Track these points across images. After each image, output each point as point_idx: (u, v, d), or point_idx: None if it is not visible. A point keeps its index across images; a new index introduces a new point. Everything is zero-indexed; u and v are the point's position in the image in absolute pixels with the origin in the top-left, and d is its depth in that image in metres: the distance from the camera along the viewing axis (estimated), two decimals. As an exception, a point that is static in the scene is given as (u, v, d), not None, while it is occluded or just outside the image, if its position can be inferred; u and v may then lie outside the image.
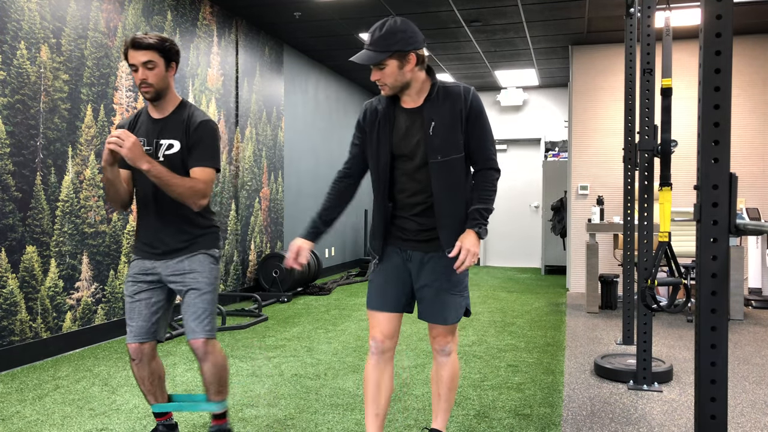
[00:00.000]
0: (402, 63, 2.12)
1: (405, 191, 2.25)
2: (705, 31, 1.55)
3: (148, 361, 2.46)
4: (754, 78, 6.84)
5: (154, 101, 2.40)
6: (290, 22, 6.50)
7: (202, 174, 2.36)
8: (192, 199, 2.32)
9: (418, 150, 2.20)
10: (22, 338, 3.88)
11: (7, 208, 3.77)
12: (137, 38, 2.29)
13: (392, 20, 2.13)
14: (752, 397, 3.28)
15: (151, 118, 2.45)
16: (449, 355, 2.34)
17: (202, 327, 2.38)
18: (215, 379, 2.45)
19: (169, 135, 2.40)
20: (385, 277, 2.30)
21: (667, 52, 3.11)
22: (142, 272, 2.44)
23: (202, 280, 2.41)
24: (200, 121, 2.39)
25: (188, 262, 2.41)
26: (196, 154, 2.37)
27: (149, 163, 2.23)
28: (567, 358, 4.08)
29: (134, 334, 2.41)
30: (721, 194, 1.55)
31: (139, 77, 2.32)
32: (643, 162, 3.49)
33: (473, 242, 2.14)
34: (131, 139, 2.19)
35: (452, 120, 2.18)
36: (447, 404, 2.38)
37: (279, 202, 7.23)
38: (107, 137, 2.13)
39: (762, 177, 6.82)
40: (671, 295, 3.18)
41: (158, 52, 2.32)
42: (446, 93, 2.20)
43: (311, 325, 5.19)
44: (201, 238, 2.45)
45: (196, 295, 2.39)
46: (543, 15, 6.18)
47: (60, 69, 4.14)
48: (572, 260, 7.25)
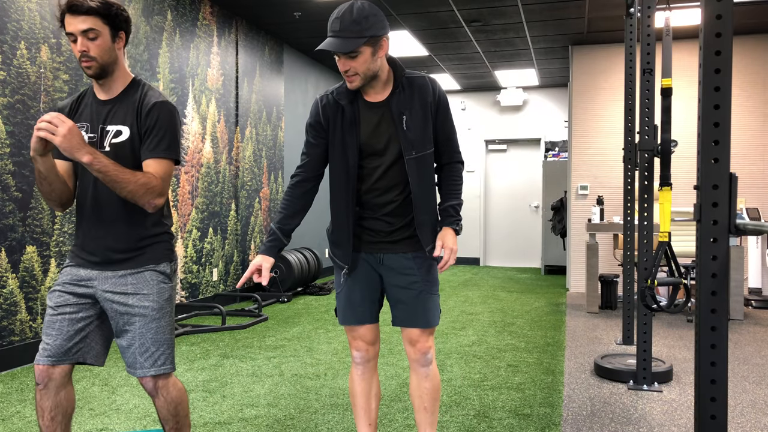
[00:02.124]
0: (375, 50, 1.95)
1: (374, 191, 2.10)
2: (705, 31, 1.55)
3: (56, 390, 1.95)
4: (754, 78, 6.84)
5: (99, 79, 1.96)
6: (290, 22, 6.50)
7: (158, 167, 1.94)
8: (145, 198, 1.90)
9: (390, 146, 2.06)
10: (22, 338, 3.88)
11: (7, 208, 3.77)
12: (75, 1, 1.85)
13: (360, 3, 1.93)
14: (752, 397, 3.27)
15: (96, 99, 2.02)
16: (430, 363, 2.18)
17: (150, 362, 1.95)
18: (170, 416, 2.05)
19: (117, 120, 1.98)
20: (355, 289, 2.16)
21: (667, 52, 3.11)
22: (74, 282, 1.98)
23: (149, 304, 1.96)
24: (154, 102, 1.96)
25: (132, 279, 1.97)
26: (149, 143, 1.95)
27: (91, 155, 1.81)
28: (567, 358, 4.08)
29: (47, 353, 1.93)
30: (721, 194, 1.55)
31: (79, 49, 1.88)
32: (643, 162, 3.49)
33: (453, 240, 2.05)
34: (67, 125, 1.77)
35: (423, 113, 2.06)
36: (433, 417, 2.21)
37: (279, 202, 7.22)
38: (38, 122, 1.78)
39: (762, 177, 6.82)
40: (671, 295, 3.18)
41: (102, 18, 1.89)
42: (412, 84, 2.06)
43: (311, 325, 5.19)
44: (150, 248, 2.01)
45: (143, 323, 1.95)
46: (543, 15, 6.18)
47: (60, 69, 4.14)
48: (572, 260, 7.25)
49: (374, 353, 2.23)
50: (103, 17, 1.89)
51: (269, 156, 6.97)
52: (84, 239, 2.01)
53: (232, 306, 6.05)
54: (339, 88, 2.08)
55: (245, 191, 6.45)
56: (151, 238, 2.02)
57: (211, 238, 5.89)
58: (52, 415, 1.95)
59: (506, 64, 8.37)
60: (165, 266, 2.03)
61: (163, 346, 1.99)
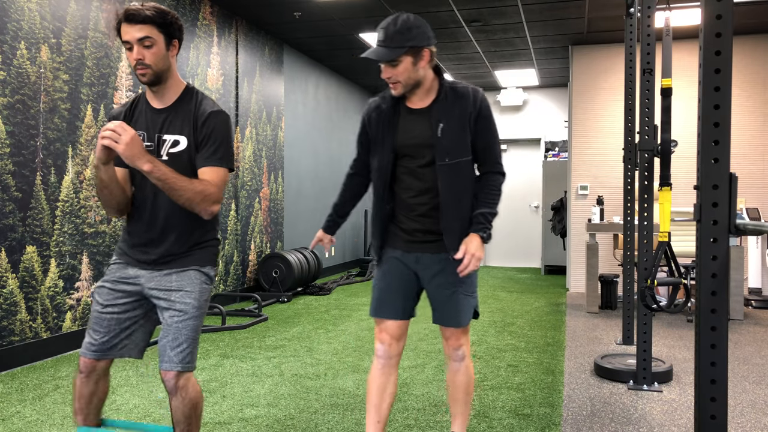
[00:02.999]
0: (416, 60, 2.08)
1: (408, 191, 2.21)
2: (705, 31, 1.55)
3: (96, 380, 2.08)
4: (754, 78, 6.84)
5: (153, 86, 2.02)
6: (290, 22, 6.50)
7: (213, 175, 1.99)
8: (202, 206, 1.96)
9: (425, 151, 2.16)
10: (22, 338, 3.88)
11: (7, 208, 3.77)
12: (131, 10, 1.91)
13: (405, 15, 2.08)
14: (752, 397, 3.27)
15: (151, 107, 2.06)
16: (463, 359, 2.31)
17: (180, 357, 1.99)
18: (184, 418, 2.04)
19: (174, 129, 2.03)
20: (389, 283, 2.25)
21: (667, 52, 3.11)
22: (122, 280, 2.06)
23: (190, 301, 2.02)
24: (210, 112, 2.02)
25: (177, 276, 2.03)
26: (205, 152, 2.00)
27: (151, 163, 1.86)
28: (567, 358, 4.08)
29: (93, 348, 2.03)
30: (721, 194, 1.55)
31: (134, 57, 1.94)
32: (643, 162, 3.49)
33: (477, 246, 2.12)
34: (129, 134, 1.83)
35: (461, 122, 2.15)
36: (465, 407, 2.37)
37: (279, 202, 7.23)
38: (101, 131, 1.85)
39: (762, 177, 6.82)
40: (671, 295, 3.18)
41: (157, 27, 1.95)
42: (455, 94, 2.16)
43: (311, 325, 5.19)
44: (198, 251, 2.08)
45: (181, 318, 2.00)
46: (543, 15, 6.18)
47: (60, 69, 4.14)
48: (572, 260, 7.25)
49: (397, 350, 2.28)
50: (158, 26, 1.95)
51: (269, 156, 6.97)
52: (136, 240, 2.07)
53: (232, 306, 6.05)
54: (386, 92, 2.23)
55: (245, 191, 6.45)
56: (202, 244, 2.09)
57: (211, 238, 5.89)
58: (87, 400, 2.07)
59: (506, 64, 8.37)
60: (209, 269, 2.10)
61: (193, 344, 2.03)
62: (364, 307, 6.10)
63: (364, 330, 4.97)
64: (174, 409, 2.03)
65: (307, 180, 8.04)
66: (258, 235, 6.74)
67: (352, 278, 8.13)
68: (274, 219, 7.11)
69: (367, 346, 4.40)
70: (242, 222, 6.41)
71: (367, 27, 6.66)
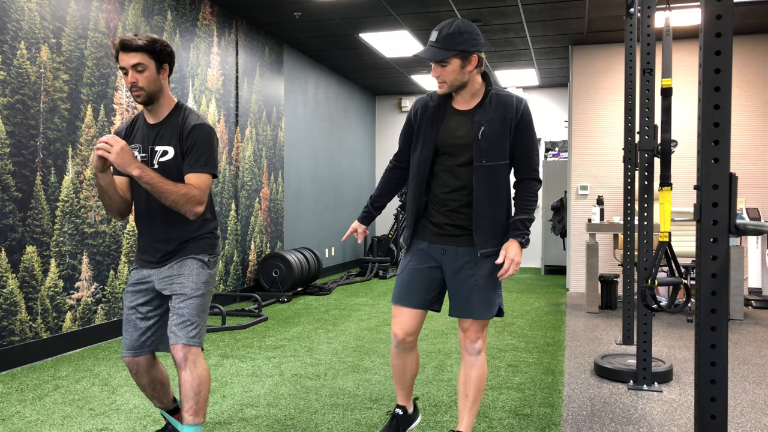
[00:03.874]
0: (464, 63, 2.21)
1: (443, 187, 2.33)
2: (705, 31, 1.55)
3: (146, 371, 2.35)
4: (754, 78, 6.84)
5: (147, 105, 2.30)
6: (290, 22, 6.50)
7: (197, 180, 2.24)
8: (186, 207, 2.20)
9: (464, 151, 2.28)
10: (22, 338, 3.88)
11: (7, 208, 3.77)
12: (126, 40, 2.20)
13: (459, 20, 2.22)
14: (752, 397, 3.27)
15: (147, 123, 2.35)
16: (479, 354, 2.37)
17: (184, 332, 2.21)
18: (192, 393, 2.21)
19: (163, 141, 2.30)
20: (413, 274, 2.37)
21: (667, 52, 3.11)
22: (139, 281, 2.34)
23: (188, 284, 2.26)
24: (194, 125, 2.28)
25: (176, 266, 2.29)
26: (190, 160, 2.26)
27: (140, 169, 2.13)
28: (567, 358, 4.08)
29: (127, 347, 2.32)
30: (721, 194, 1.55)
31: (129, 80, 2.22)
32: (643, 162, 3.49)
33: (517, 252, 2.25)
34: (119, 144, 2.10)
35: (502, 127, 2.26)
36: (474, 406, 2.39)
37: (279, 202, 7.23)
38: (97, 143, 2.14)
39: (762, 177, 6.82)
40: (671, 295, 3.18)
41: (148, 54, 2.22)
42: (499, 100, 2.28)
43: (311, 325, 5.19)
44: (192, 242, 2.33)
45: (181, 300, 2.24)
46: (543, 15, 6.18)
47: (60, 69, 4.14)
48: (572, 260, 7.25)
49: (412, 338, 2.41)
50: (149, 53, 2.22)
51: (269, 156, 6.97)
52: (142, 244, 2.36)
53: (232, 306, 6.05)
54: (434, 92, 2.37)
55: (245, 191, 6.45)
56: (196, 237, 2.34)
57: (211, 238, 5.89)
58: (152, 387, 2.37)
59: (506, 64, 8.37)
60: (204, 256, 2.34)
61: (196, 322, 2.25)
62: (364, 307, 6.10)
63: (364, 330, 4.97)
64: (183, 383, 2.21)
65: (307, 180, 8.04)
66: (258, 235, 6.74)
67: (352, 278, 8.13)
68: (274, 219, 7.11)
69: (367, 346, 4.40)
70: (242, 222, 6.41)
71: (367, 27, 6.66)
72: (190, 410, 2.22)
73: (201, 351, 2.25)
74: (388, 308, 6.02)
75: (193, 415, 2.22)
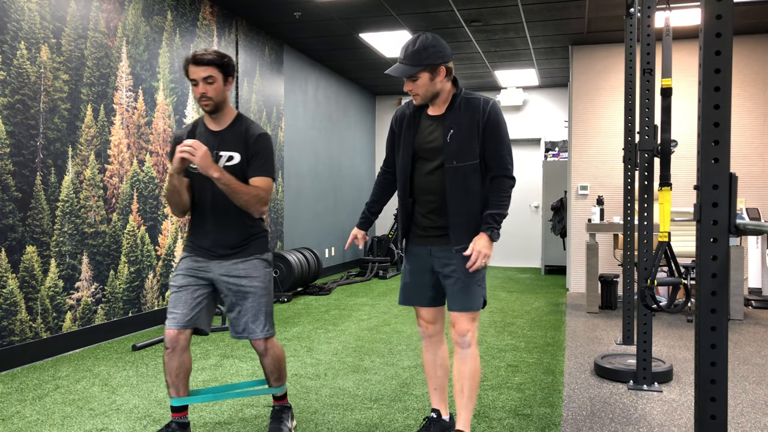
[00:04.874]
0: (433, 75, 2.34)
1: (422, 190, 2.45)
2: (705, 31, 1.55)
3: (181, 352, 2.52)
4: (754, 78, 6.84)
5: (213, 113, 2.52)
6: (290, 22, 6.50)
7: (263, 183, 2.49)
8: (255, 206, 2.46)
9: (437, 154, 2.40)
10: (22, 338, 3.88)
11: (7, 208, 3.77)
12: (198, 54, 2.42)
13: (423, 36, 2.33)
14: (752, 397, 3.28)
15: (209, 130, 2.56)
16: (469, 346, 2.43)
17: (261, 328, 2.56)
18: (275, 369, 2.66)
19: (228, 147, 2.52)
20: (411, 275, 2.54)
21: (667, 52, 3.11)
22: (194, 269, 2.55)
23: (258, 284, 2.55)
24: (259, 134, 2.52)
25: (243, 265, 2.54)
26: (256, 165, 2.50)
27: (219, 172, 2.36)
28: (567, 358, 4.08)
29: (176, 321, 2.49)
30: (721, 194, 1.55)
31: (200, 91, 2.43)
32: (643, 162, 3.49)
33: (484, 244, 2.34)
34: (203, 149, 2.33)
35: (470, 129, 2.37)
36: (470, 402, 2.44)
37: (279, 202, 7.23)
38: (178, 147, 2.34)
39: (762, 177, 6.82)
40: (671, 295, 3.18)
41: (217, 68, 2.44)
42: (467, 103, 2.40)
43: (311, 325, 5.19)
44: (255, 240, 2.59)
45: (254, 299, 2.54)
46: (543, 15, 6.18)
47: (60, 69, 4.14)
48: (572, 260, 7.25)
49: (435, 331, 2.58)
50: (218, 66, 2.44)
51: (269, 156, 6.96)
52: (200, 237, 2.56)
53: (232, 306, 6.04)
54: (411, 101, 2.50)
55: (245, 191, 6.44)
56: (255, 236, 2.59)
57: (211, 238, 5.89)
58: (176, 372, 2.53)
59: (506, 64, 8.37)
60: (267, 255, 2.62)
61: (269, 316, 2.59)
62: (364, 307, 6.10)
63: (364, 330, 4.97)
64: (266, 365, 2.64)
65: (307, 180, 8.03)
66: (258, 235, 6.73)
67: (352, 278, 8.13)
68: (274, 219, 7.11)
69: (367, 346, 4.40)
70: (242, 222, 6.40)
71: (367, 27, 6.66)
72: (276, 380, 2.68)
73: (274, 337, 2.63)
74: (388, 308, 6.02)
75: (277, 381, 2.69)
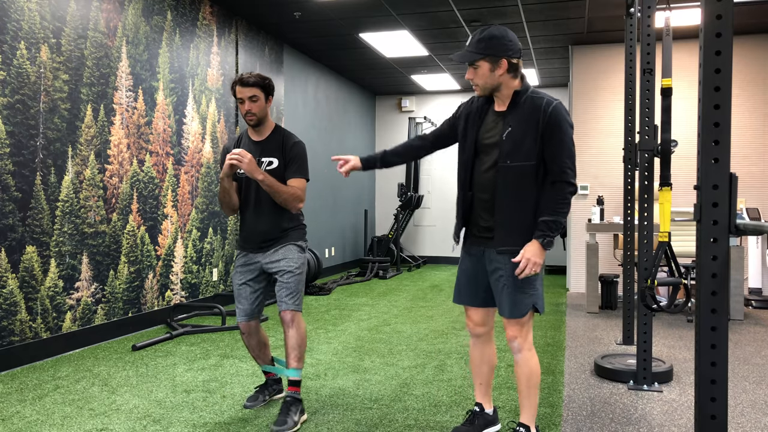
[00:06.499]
0: (493, 66, 2.31)
1: (479, 187, 2.42)
2: (705, 31, 1.55)
3: (254, 333, 3.04)
4: (754, 78, 6.84)
5: (256, 127, 2.97)
6: (290, 22, 6.50)
7: (299, 183, 2.92)
8: (293, 203, 2.90)
9: (493, 151, 2.37)
10: (22, 338, 3.88)
11: (7, 208, 3.77)
12: (244, 77, 2.88)
13: (494, 27, 2.32)
14: (752, 397, 3.27)
15: (251, 140, 3.01)
16: (519, 352, 2.43)
17: (291, 301, 2.91)
18: (296, 345, 2.90)
19: (268, 154, 2.96)
20: (463, 275, 2.55)
21: (667, 52, 3.11)
22: (247, 264, 3.00)
23: (292, 264, 2.94)
24: (294, 142, 2.96)
25: (282, 250, 2.95)
26: (292, 168, 2.93)
27: (263, 175, 2.79)
28: (567, 358, 4.08)
29: (243, 314, 3.00)
30: (721, 194, 1.55)
31: (245, 108, 2.90)
32: (643, 162, 3.49)
33: (535, 252, 2.28)
34: (249, 156, 2.76)
35: (528, 129, 2.30)
36: (529, 401, 2.46)
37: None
38: (228, 155, 2.76)
39: (762, 177, 6.82)
40: (671, 295, 3.18)
41: (260, 88, 2.90)
42: (531, 102, 2.33)
43: (311, 325, 5.19)
44: (291, 231, 2.99)
45: (289, 276, 2.92)
46: (543, 15, 6.18)
47: (60, 69, 4.14)
48: (572, 260, 7.25)
49: (482, 332, 2.61)
50: (261, 87, 2.91)
51: (269, 156, 6.96)
52: (248, 233, 2.99)
53: (232, 306, 6.04)
54: None
55: (245, 191, 6.44)
56: (291, 228, 3.00)
57: (211, 238, 5.89)
58: (257, 348, 3.09)
59: (506, 64, 8.35)
60: (301, 243, 3.02)
61: (299, 293, 2.95)
62: (364, 307, 6.10)
63: (364, 330, 4.97)
64: (289, 338, 2.90)
65: (307, 180, 8.02)
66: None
67: (352, 278, 8.13)
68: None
69: (367, 346, 4.40)
70: (242, 222, 6.41)
71: (367, 27, 6.66)
72: (294, 359, 2.90)
73: (301, 314, 2.95)
74: (388, 308, 6.02)
75: (296, 361, 2.90)
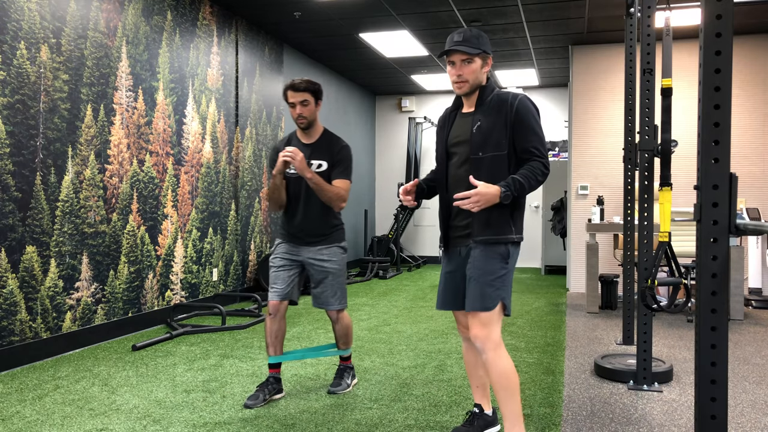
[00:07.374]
0: (483, 63, 2.41)
1: (454, 184, 2.45)
2: (705, 31, 1.55)
3: (280, 318, 3.21)
4: (754, 78, 6.84)
5: (306, 129, 3.17)
6: (290, 22, 6.50)
7: (344, 184, 3.13)
8: (337, 202, 3.10)
9: (464, 147, 2.42)
10: (22, 338, 3.88)
11: (7, 208, 3.77)
12: (296, 83, 3.06)
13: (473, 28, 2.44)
14: (752, 397, 3.27)
15: (301, 142, 3.20)
16: (484, 352, 2.30)
17: (337, 301, 3.22)
18: (343, 335, 3.32)
19: (318, 156, 3.15)
20: (443, 279, 2.55)
21: (667, 52, 3.11)
22: (287, 252, 3.22)
23: (337, 267, 3.20)
24: (342, 146, 3.17)
25: (327, 251, 3.19)
26: (338, 170, 3.14)
27: (311, 173, 3.00)
28: (567, 358, 4.08)
29: (277, 293, 3.18)
30: (721, 194, 1.55)
31: (297, 112, 3.08)
32: (643, 162, 3.49)
33: (488, 193, 2.23)
34: (300, 155, 2.96)
35: (497, 122, 2.36)
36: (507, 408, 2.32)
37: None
38: (281, 153, 2.98)
39: (762, 177, 6.82)
40: (671, 295, 3.18)
41: (310, 93, 3.07)
42: (497, 98, 2.41)
43: (311, 325, 5.19)
44: (335, 231, 3.21)
45: (333, 278, 3.19)
46: (543, 15, 6.18)
47: (60, 69, 4.14)
48: (572, 260, 7.25)
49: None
50: (311, 92, 3.09)
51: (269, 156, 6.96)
52: (293, 227, 3.21)
53: (232, 306, 6.05)
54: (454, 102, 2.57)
55: (245, 191, 6.45)
56: (335, 227, 3.24)
57: (211, 238, 5.89)
58: (276, 334, 3.23)
59: (506, 64, 8.37)
60: (344, 243, 3.26)
61: (343, 292, 3.26)
62: (364, 307, 6.10)
63: (364, 330, 4.97)
64: (337, 331, 3.32)
65: (307, 180, 8.02)
66: (258, 235, 6.74)
67: (352, 278, 8.13)
68: (274, 219, 7.11)
69: (367, 346, 4.40)
70: (242, 222, 6.41)
71: (367, 27, 6.66)
72: (343, 344, 3.35)
73: (345, 309, 3.29)
74: (388, 308, 6.02)
75: (345, 345, 3.37)
